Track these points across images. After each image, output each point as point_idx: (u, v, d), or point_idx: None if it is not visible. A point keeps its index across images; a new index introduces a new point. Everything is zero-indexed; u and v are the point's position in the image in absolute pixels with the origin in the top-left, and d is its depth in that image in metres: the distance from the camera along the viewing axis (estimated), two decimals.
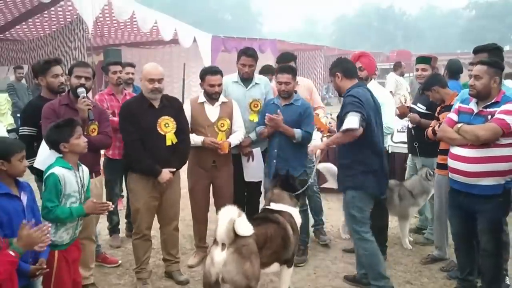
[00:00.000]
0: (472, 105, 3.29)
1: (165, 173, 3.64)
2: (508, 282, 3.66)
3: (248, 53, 4.42)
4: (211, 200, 4.35)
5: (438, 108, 4.14)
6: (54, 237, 2.85)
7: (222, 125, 4.11)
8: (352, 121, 3.29)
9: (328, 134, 4.80)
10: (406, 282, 3.94)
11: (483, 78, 3.17)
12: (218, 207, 4.37)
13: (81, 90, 3.53)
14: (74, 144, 2.97)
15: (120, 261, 4.37)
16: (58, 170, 2.88)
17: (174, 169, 3.72)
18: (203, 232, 4.39)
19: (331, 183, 4.84)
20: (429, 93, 4.18)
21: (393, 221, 4.86)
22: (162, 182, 3.64)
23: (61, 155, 2.99)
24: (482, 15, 54.17)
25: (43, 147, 3.15)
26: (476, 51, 3.71)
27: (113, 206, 3.08)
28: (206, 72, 4.13)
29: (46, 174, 2.90)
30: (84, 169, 3.11)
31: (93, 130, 3.60)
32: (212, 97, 4.10)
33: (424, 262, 4.27)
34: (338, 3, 69.02)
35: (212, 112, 4.13)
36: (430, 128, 4.00)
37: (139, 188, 3.69)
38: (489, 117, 3.12)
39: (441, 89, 4.10)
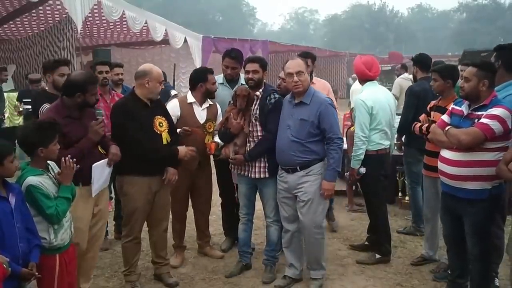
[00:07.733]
0: (464, 107, 3.28)
1: (182, 149, 3.68)
2: (497, 284, 3.63)
3: (231, 55, 4.41)
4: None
5: (432, 103, 4.11)
6: (56, 241, 2.77)
7: (210, 127, 4.15)
8: None
9: None
10: (396, 284, 3.93)
11: (472, 80, 3.14)
12: (196, 207, 4.40)
13: (100, 113, 3.44)
14: (51, 150, 2.78)
15: None
16: (32, 180, 2.68)
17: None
18: (183, 231, 4.40)
19: None
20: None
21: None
22: (185, 158, 3.67)
23: (27, 162, 2.80)
24: (473, 17, 54.69)
25: None
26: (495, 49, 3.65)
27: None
28: (207, 71, 4.22)
29: (24, 191, 2.68)
30: (50, 163, 2.88)
31: None
32: (211, 96, 4.19)
33: (415, 263, 4.26)
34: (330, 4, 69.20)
35: (201, 113, 4.15)
36: (419, 125, 3.96)
37: (135, 190, 3.62)
38: (476, 120, 3.10)
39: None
